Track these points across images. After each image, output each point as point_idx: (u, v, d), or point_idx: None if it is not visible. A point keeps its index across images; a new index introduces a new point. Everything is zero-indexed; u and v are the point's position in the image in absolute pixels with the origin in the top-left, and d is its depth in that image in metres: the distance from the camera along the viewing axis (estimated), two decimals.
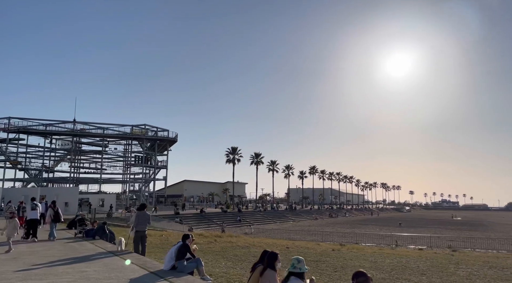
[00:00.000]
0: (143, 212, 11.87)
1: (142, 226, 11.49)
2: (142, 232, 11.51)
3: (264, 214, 72.55)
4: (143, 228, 11.58)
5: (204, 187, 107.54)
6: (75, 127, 64.69)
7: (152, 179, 72.48)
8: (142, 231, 11.53)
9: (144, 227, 11.62)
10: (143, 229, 11.56)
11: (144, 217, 11.72)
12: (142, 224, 11.50)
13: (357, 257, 16.25)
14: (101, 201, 49.00)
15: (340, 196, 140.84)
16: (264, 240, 25.95)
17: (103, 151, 72.16)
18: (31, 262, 8.89)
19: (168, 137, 71.00)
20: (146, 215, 11.86)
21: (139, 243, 11.44)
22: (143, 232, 11.55)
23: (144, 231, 11.60)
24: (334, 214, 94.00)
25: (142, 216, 11.68)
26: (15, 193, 39.20)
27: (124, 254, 10.30)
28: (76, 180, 71.93)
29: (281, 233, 40.73)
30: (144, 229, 11.61)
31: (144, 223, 11.61)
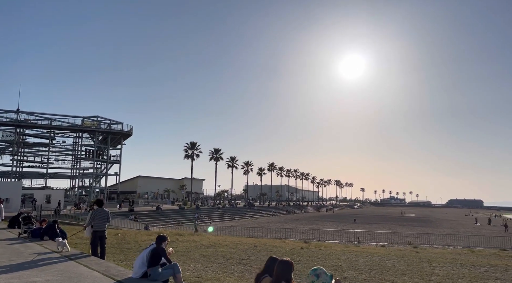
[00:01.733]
0: (101, 209, 10.42)
1: (101, 225, 10.09)
2: (101, 232, 10.09)
3: (223, 211, 71.40)
4: (102, 227, 10.18)
5: (160, 183, 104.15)
6: (18, 117, 59.49)
7: (104, 174, 68.61)
8: (101, 230, 10.12)
9: (103, 226, 10.21)
10: (102, 229, 10.14)
11: (103, 214, 10.30)
12: (101, 223, 10.11)
13: (329, 256, 15.72)
14: (47, 197, 45.31)
15: (296, 193, 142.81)
16: (228, 238, 24.90)
17: (50, 143, 67.06)
18: None
19: (122, 130, 67.49)
20: (105, 213, 10.43)
21: (97, 245, 10.03)
22: (102, 232, 10.14)
23: (103, 231, 10.19)
24: (291, 211, 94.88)
25: (101, 213, 10.25)
26: None
27: (80, 258, 8.85)
28: (19, 175, 66.39)
29: (242, 231, 39.90)
30: (103, 228, 10.21)
31: (103, 221, 10.20)
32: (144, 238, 21.97)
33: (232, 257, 14.27)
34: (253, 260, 13.64)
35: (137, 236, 23.31)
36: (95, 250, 9.94)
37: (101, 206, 10.53)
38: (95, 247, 9.97)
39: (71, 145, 72.43)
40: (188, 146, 73.27)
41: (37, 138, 69.03)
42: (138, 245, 18.56)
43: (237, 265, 12.45)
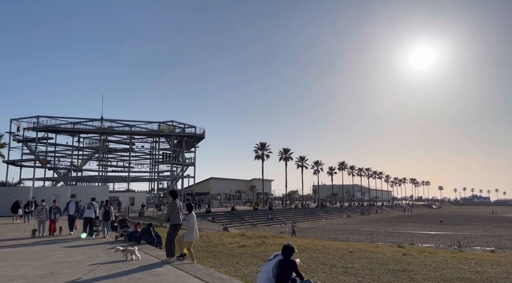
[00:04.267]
0: (177, 202, 9.07)
1: (179, 219, 8.80)
2: (180, 226, 8.88)
3: (295, 211, 70.03)
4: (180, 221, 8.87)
5: (231, 184, 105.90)
6: (102, 125, 63.89)
7: (180, 176, 71.08)
8: (180, 224, 8.88)
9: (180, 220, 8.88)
10: (180, 223, 8.85)
11: (181, 207, 9.10)
12: (180, 217, 8.83)
13: (444, 265, 13.58)
14: (131, 200, 47.65)
15: (369, 193, 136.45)
16: (315, 242, 23.44)
17: (131, 149, 71.29)
18: (71, 278, 6.76)
19: (195, 134, 69.35)
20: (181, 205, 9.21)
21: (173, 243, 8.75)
22: (180, 226, 8.90)
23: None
24: (366, 211, 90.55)
25: (178, 206, 8.94)
26: (46, 192, 38.16)
27: (182, 265, 8.06)
28: (104, 179, 71.33)
29: (320, 233, 38.21)
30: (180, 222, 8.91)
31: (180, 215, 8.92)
32: (229, 240, 21.41)
33: (334, 265, 12.84)
34: (360, 269, 12.10)
35: (222, 238, 22.87)
36: (172, 246, 8.70)
37: (176, 197, 9.20)
38: (171, 243, 8.71)
39: (149, 150, 76.22)
40: (258, 147, 73.10)
41: (118, 144, 73.75)
42: (227, 249, 17.90)
43: (345, 275, 11.00)
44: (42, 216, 14.69)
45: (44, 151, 63.01)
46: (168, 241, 8.58)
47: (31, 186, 42.87)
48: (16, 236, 15.12)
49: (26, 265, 8.11)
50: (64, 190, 37.32)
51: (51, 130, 60.67)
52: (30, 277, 6.81)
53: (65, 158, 69.66)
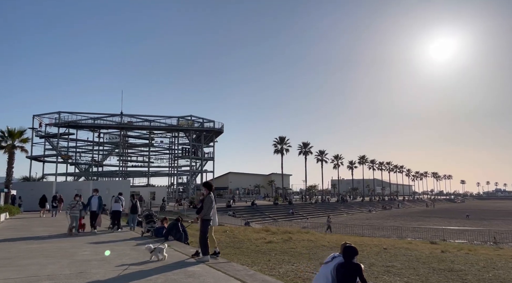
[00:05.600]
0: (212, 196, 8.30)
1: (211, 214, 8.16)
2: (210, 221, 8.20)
3: (316, 206, 69.08)
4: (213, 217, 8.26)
5: (249, 179, 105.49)
6: (122, 120, 64.17)
7: (199, 171, 70.98)
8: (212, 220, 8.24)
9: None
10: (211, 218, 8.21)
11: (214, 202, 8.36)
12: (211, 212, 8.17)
13: (494, 264, 12.55)
14: (151, 195, 47.62)
15: (390, 187, 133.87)
16: (344, 238, 22.54)
17: (150, 144, 71.54)
18: (102, 279, 6.18)
19: (214, 128, 69.02)
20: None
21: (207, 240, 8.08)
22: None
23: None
24: (388, 206, 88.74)
25: (213, 200, 8.22)
26: (68, 187, 38.43)
27: (218, 263, 7.40)
28: (125, 174, 71.88)
29: (343, 228, 37.29)
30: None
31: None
32: (254, 235, 20.77)
33: (373, 264, 11.99)
34: (402, 268, 11.23)
35: (247, 233, 22.27)
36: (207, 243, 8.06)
37: (211, 190, 8.38)
38: (206, 240, 8.04)
39: (168, 145, 76.40)
40: (277, 141, 72.21)
41: (138, 139, 74.13)
42: (254, 245, 17.24)
43: (388, 275, 10.15)
44: (75, 212, 14.07)
45: (65, 147, 63.79)
46: (202, 238, 7.93)
47: (54, 181, 43.28)
48: (41, 232, 14.84)
49: (53, 263, 7.61)
50: (86, 185, 37.44)
51: (72, 125, 61.28)
52: (58, 277, 6.27)
53: (86, 154, 70.50)
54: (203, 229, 7.98)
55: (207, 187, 8.50)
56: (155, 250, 7.86)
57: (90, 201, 14.67)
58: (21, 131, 30.53)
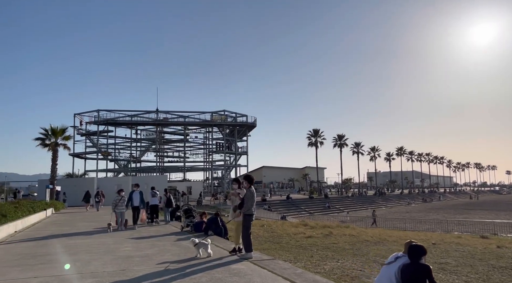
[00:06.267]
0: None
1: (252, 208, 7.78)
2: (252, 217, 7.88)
3: (352, 200, 67.54)
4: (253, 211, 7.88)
5: (283, 172, 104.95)
6: (158, 116, 65.42)
7: (233, 165, 71.31)
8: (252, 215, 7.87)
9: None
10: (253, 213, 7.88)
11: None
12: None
13: None
14: (188, 189, 48.24)
15: (430, 179, 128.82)
16: (387, 232, 21.66)
17: (185, 139, 72.62)
18: (145, 277, 5.97)
19: (247, 122, 68.96)
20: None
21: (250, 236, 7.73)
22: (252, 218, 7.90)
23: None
24: (428, 199, 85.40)
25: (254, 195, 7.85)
26: (109, 182, 39.61)
27: (262, 260, 7.00)
28: (162, 169, 73.44)
29: (383, 222, 35.99)
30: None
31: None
32: (293, 230, 20.31)
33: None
34: (458, 266, 10.40)
35: (284, 227, 21.85)
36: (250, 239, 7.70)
37: (252, 183, 7.96)
38: (249, 236, 7.67)
39: (202, 140, 77.27)
40: (311, 133, 71.05)
41: (174, 135, 75.54)
42: (294, 240, 16.79)
43: (444, 273, 9.40)
44: (121, 207, 13.93)
45: (105, 144, 65.96)
46: (245, 234, 7.58)
47: (95, 177, 44.79)
48: (84, 227, 15.13)
49: (96, 259, 7.53)
50: (125, 181, 38.39)
51: (111, 123, 63.18)
52: (101, 274, 6.12)
53: (125, 150, 72.59)
54: (246, 224, 7.62)
55: (248, 181, 8.12)
56: (198, 244, 7.59)
57: (131, 197, 14.55)
58: (63, 129, 31.59)
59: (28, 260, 7.52)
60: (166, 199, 16.71)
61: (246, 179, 8.23)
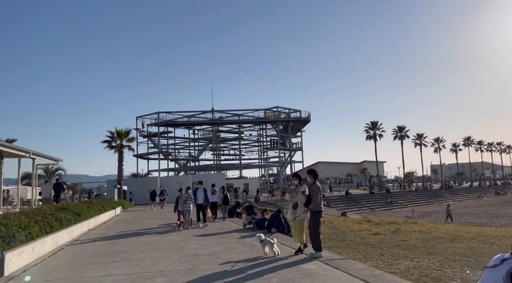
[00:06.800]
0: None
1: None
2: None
3: (416, 194, 63.97)
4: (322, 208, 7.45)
5: (339, 168, 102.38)
6: (213, 116, 66.86)
7: (288, 161, 70.88)
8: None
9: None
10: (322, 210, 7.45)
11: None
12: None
13: None
14: (245, 186, 48.70)
15: (499, 170, 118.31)
16: (462, 228, 20.02)
17: (240, 137, 73.51)
18: (214, 276, 5.81)
19: (300, 118, 68.04)
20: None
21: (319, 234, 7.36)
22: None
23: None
24: (502, 191, 78.39)
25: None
26: (170, 181, 41.11)
27: (333, 260, 6.55)
28: (219, 167, 75.04)
29: (455, 217, 33.51)
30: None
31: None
32: (356, 227, 19.50)
33: None
34: None
35: (347, 224, 21.08)
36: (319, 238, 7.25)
37: (316, 178, 7.57)
38: (319, 234, 7.26)
39: (257, 137, 77.72)
40: (369, 126, 68.34)
41: (229, 134, 76.79)
42: (359, 237, 16.06)
43: None
44: (187, 206, 13.68)
45: (165, 144, 68.77)
46: (315, 232, 7.19)
47: (157, 176, 46.78)
48: (151, 224, 15.65)
49: (164, 257, 7.57)
50: (186, 179, 39.58)
51: (170, 124, 65.69)
52: (170, 273, 6.08)
53: (184, 150, 75.16)
54: (315, 222, 7.23)
55: (312, 175, 7.71)
56: (264, 241, 7.33)
57: (196, 194, 14.48)
58: (127, 132, 33.31)
59: (101, 257, 7.76)
60: (223, 196, 16.89)
61: (310, 173, 7.82)
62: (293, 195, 7.96)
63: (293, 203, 7.89)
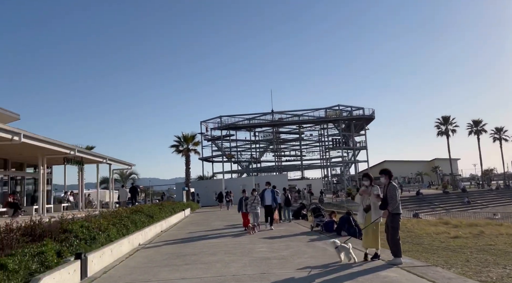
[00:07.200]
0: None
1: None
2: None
3: (498, 193, 58.27)
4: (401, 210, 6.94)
5: (408, 166, 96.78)
6: (273, 117, 67.03)
7: (352, 161, 68.68)
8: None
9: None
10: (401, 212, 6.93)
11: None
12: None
13: None
14: (308, 187, 47.96)
15: None
16: None
17: (300, 138, 72.81)
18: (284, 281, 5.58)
19: (364, 115, 65.65)
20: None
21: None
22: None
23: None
24: None
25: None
26: (234, 183, 41.88)
27: (415, 267, 5.96)
28: (280, 168, 74.99)
29: None
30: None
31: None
32: (432, 229, 18.11)
33: None
34: None
35: (422, 226, 19.71)
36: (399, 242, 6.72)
37: (392, 177, 7.11)
38: (398, 239, 6.71)
39: (318, 137, 76.43)
40: (440, 121, 63.69)
41: (289, 134, 76.50)
42: (438, 240, 14.85)
43: None
44: (254, 208, 13.10)
45: (228, 147, 70.37)
46: (394, 236, 6.68)
47: (222, 179, 47.90)
48: (218, 225, 15.91)
49: (234, 261, 7.52)
50: (249, 181, 40.06)
51: (232, 127, 67.12)
52: (242, 278, 5.97)
53: (245, 152, 76.29)
54: (395, 225, 6.71)
55: (387, 175, 7.17)
56: (339, 248, 6.94)
57: (263, 195, 13.94)
58: (193, 136, 34.67)
59: (174, 260, 7.92)
60: (285, 198, 16.71)
61: (385, 173, 7.27)
62: (364, 197, 7.47)
63: (364, 206, 7.40)
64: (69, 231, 6.95)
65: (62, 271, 5.14)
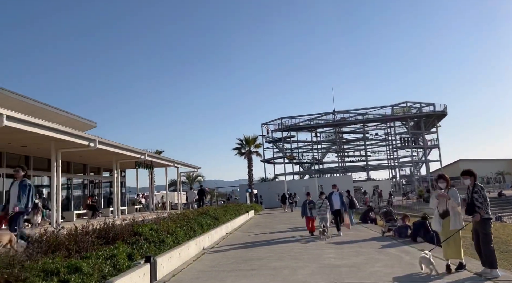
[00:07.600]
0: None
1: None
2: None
3: None
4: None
5: (486, 165, 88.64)
6: (335, 117, 65.40)
7: (423, 161, 64.55)
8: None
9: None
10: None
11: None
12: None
13: None
14: (375, 189, 45.90)
15: None
16: None
17: (365, 137, 70.10)
18: None
19: (434, 112, 61.44)
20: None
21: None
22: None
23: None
24: None
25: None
26: (297, 184, 41.40)
27: None
28: (344, 169, 72.84)
29: None
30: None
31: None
32: None
33: None
34: None
35: (508, 231, 17.74)
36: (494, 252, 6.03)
37: (476, 179, 6.38)
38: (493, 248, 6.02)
39: (384, 136, 73.01)
40: None
41: (352, 134, 74.01)
42: None
43: None
44: (322, 212, 12.18)
45: (289, 149, 70.00)
46: (487, 244, 5.93)
47: (284, 180, 47.66)
48: (282, 228, 15.67)
49: (302, 267, 7.19)
50: (312, 182, 39.35)
51: (292, 129, 66.72)
52: None
53: (307, 153, 75.31)
54: (487, 231, 5.96)
55: (472, 176, 6.40)
56: (422, 258, 6.28)
57: (331, 199, 13.01)
58: (254, 138, 35.00)
59: (240, 264, 7.79)
60: (349, 201, 15.84)
61: (469, 174, 6.48)
62: (440, 201, 6.70)
63: (441, 211, 6.64)
64: (140, 233, 7.14)
65: (132, 274, 5.22)
